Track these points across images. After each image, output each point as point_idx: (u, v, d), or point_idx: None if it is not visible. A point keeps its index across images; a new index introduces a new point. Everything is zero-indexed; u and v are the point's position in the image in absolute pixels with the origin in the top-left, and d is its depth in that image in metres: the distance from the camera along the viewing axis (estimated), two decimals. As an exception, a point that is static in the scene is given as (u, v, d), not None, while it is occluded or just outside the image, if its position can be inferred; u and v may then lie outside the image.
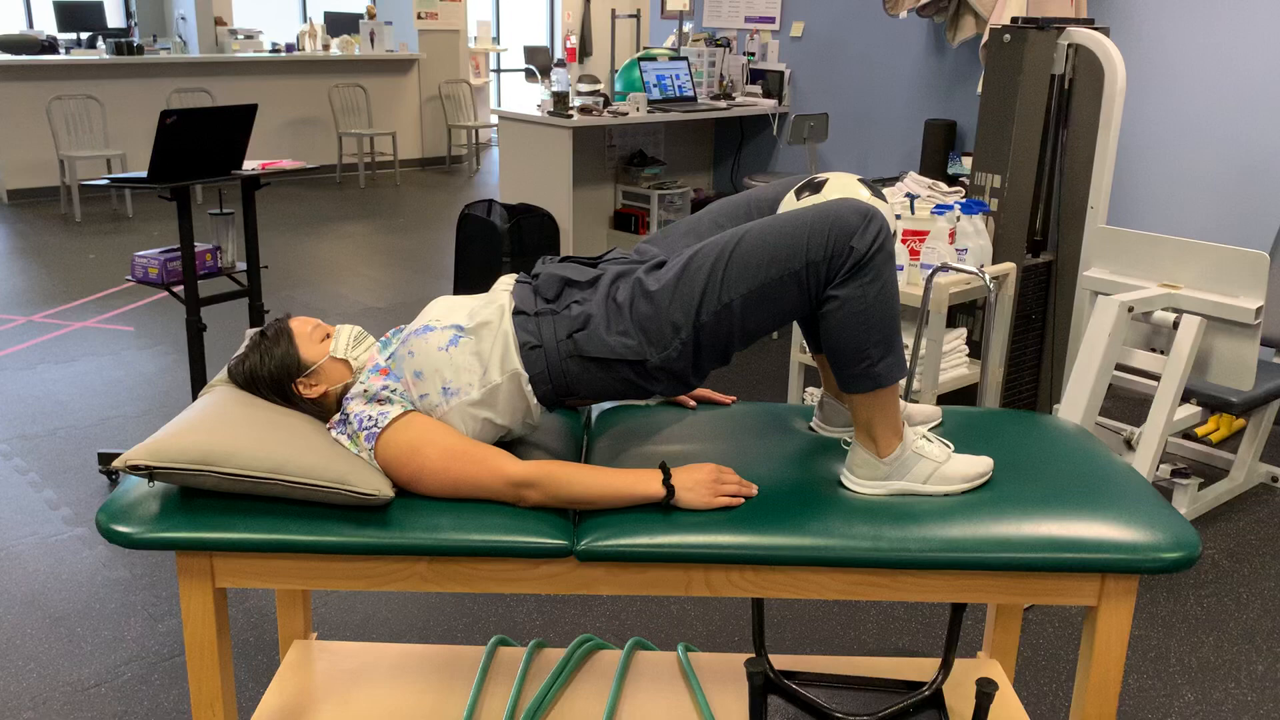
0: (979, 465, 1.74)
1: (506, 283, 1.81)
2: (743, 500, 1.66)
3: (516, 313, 1.72)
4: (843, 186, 1.79)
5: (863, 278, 1.59)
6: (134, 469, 1.57)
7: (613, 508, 1.66)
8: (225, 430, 1.63)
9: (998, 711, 2.03)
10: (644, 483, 1.64)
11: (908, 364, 1.68)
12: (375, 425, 1.66)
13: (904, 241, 3.35)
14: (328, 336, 1.84)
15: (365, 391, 1.72)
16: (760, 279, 1.62)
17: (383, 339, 1.85)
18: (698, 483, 1.65)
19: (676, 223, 1.92)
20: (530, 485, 1.64)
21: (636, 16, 6.89)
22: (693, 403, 2.09)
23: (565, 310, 1.71)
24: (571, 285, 1.75)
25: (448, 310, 1.77)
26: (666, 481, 1.64)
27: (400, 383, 1.72)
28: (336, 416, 1.74)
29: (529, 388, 1.70)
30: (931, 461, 1.71)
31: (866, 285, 1.60)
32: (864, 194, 1.79)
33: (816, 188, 1.79)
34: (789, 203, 1.82)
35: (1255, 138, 3.98)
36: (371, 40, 9.56)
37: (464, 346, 1.70)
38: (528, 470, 1.64)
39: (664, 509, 1.65)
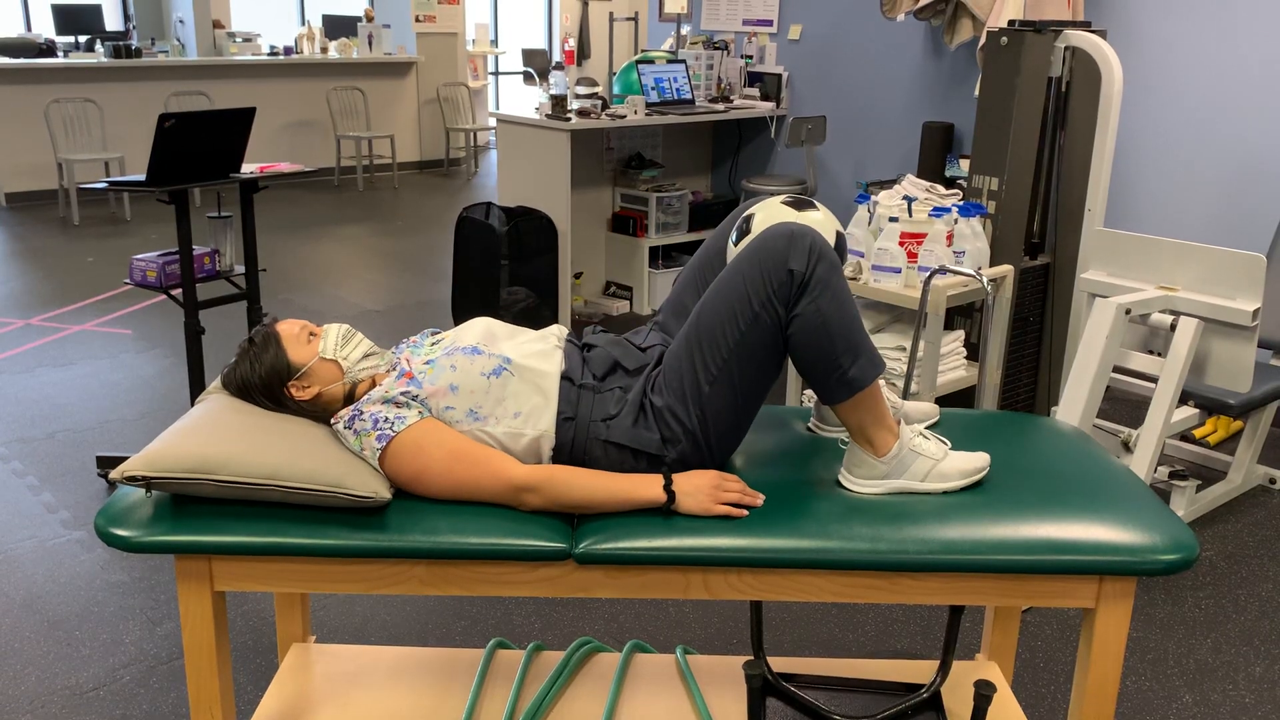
0: (976, 460, 1.74)
1: (558, 336, 1.85)
2: (746, 513, 1.65)
3: (563, 377, 1.75)
4: (767, 217, 1.83)
5: (812, 293, 1.61)
6: (131, 480, 1.57)
7: (613, 512, 1.66)
8: (221, 437, 1.63)
9: (996, 713, 2.04)
10: (645, 487, 1.65)
11: (882, 360, 1.70)
12: (391, 428, 1.66)
13: (901, 244, 3.36)
14: (315, 336, 1.84)
15: (385, 394, 1.72)
16: (730, 343, 1.65)
17: (411, 342, 1.86)
18: (698, 489, 1.65)
19: (666, 299, 1.98)
20: (531, 489, 1.64)
21: (634, 19, 6.90)
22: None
23: (607, 393, 1.74)
24: (620, 369, 1.78)
25: (492, 337, 1.80)
26: (667, 486, 1.65)
27: (424, 390, 1.72)
28: (346, 412, 1.73)
29: (549, 451, 1.73)
30: (929, 459, 1.71)
31: (817, 298, 1.61)
32: (789, 214, 1.81)
33: (748, 228, 1.83)
34: (731, 253, 1.86)
35: (1252, 140, 3.98)
36: (370, 43, 9.56)
37: (506, 382, 1.72)
38: (529, 474, 1.64)
39: (663, 513, 1.65)
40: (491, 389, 1.71)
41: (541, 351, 1.78)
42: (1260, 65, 3.92)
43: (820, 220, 1.83)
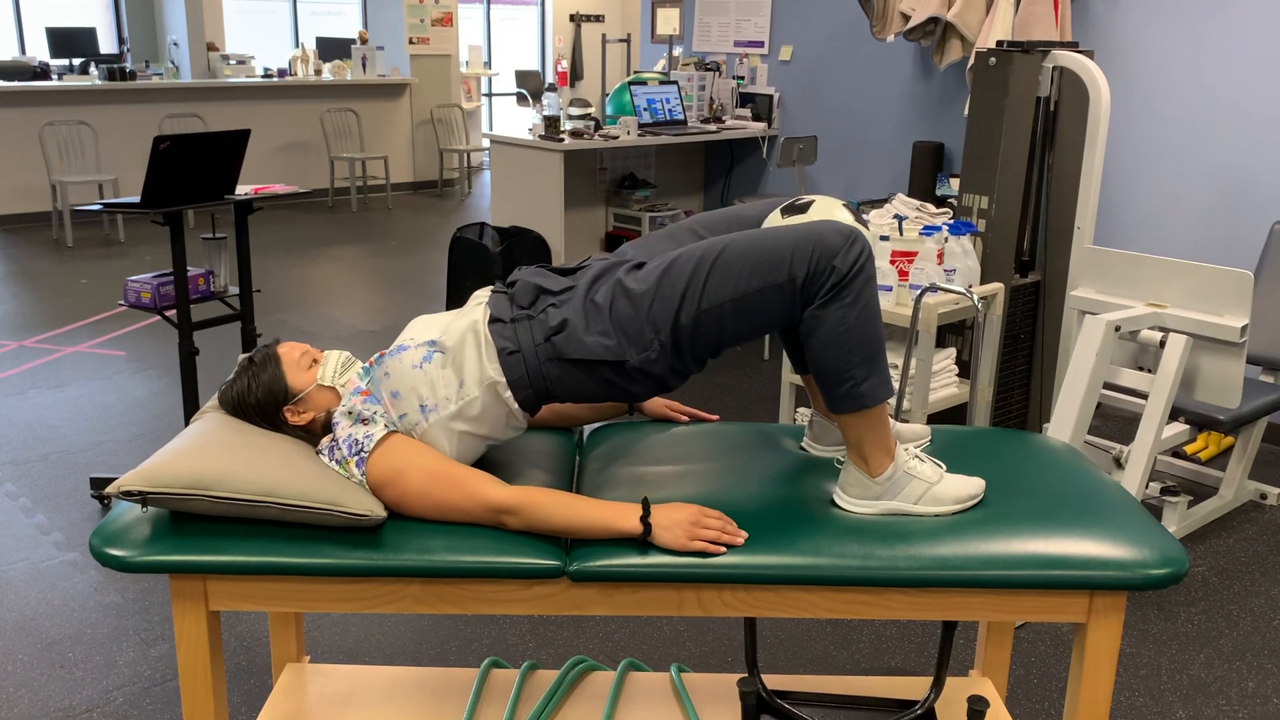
0: (971, 486, 1.75)
1: (482, 295, 1.82)
2: (724, 550, 1.62)
3: (493, 320, 1.72)
4: (827, 209, 1.81)
5: (844, 299, 1.61)
6: (127, 495, 1.57)
7: (591, 539, 1.66)
8: (217, 455, 1.64)
9: (990, 730, 2.04)
10: (622, 517, 1.64)
11: (895, 386, 1.69)
12: (362, 450, 1.67)
13: (893, 262, 3.38)
14: (316, 363, 1.84)
15: (349, 412, 1.72)
16: (742, 289, 1.63)
17: (365, 365, 1.84)
18: (676, 523, 1.63)
19: (656, 231, 1.92)
20: (510, 512, 1.64)
21: (627, 41, 6.94)
22: (684, 418, 2.11)
23: (541, 315, 1.71)
24: (546, 293, 1.75)
25: (424, 328, 1.78)
26: (645, 518, 1.64)
27: (380, 405, 1.73)
28: (325, 441, 1.75)
29: (508, 394, 1.70)
30: (923, 482, 1.72)
31: (847, 307, 1.61)
32: (848, 217, 1.81)
33: (802, 208, 1.82)
34: (774, 220, 1.83)
35: (1239, 158, 4.02)
36: (363, 65, 9.60)
37: (438, 362, 1.71)
38: (508, 496, 1.64)
39: (639, 544, 1.64)
40: (428, 375, 1.70)
41: (463, 314, 1.76)
42: (1247, 84, 3.96)
43: (869, 237, 1.84)
